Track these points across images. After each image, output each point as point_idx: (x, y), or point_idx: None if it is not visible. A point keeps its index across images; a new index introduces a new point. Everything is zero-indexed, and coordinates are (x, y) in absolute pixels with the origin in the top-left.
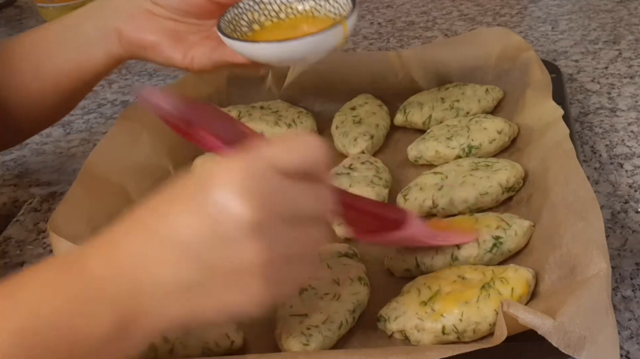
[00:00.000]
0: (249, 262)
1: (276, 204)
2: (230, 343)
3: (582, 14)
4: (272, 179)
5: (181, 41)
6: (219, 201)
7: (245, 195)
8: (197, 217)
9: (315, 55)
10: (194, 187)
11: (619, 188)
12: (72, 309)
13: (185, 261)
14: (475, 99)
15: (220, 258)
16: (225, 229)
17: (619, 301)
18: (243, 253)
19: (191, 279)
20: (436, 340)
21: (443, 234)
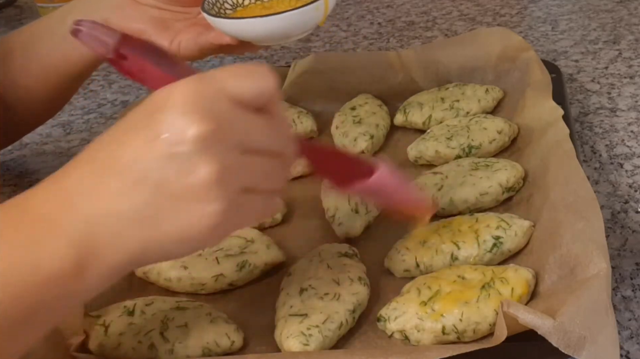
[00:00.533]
0: (201, 179)
1: (226, 126)
2: (230, 343)
3: (582, 14)
4: (223, 101)
5: (167, 28)
6: (165, 121)
7: (193, 112)
8: (143, 142)
9: (298, 31)
10: (141, 113)
11: (619, 188)
12: (24, 250)
13: (136, 188)
14: (475, 99)
15: (171, 179)
16: (174, 148)
17: (619, 301)
18: (194, 171)
19: (142, 203)
20: (436, 340)
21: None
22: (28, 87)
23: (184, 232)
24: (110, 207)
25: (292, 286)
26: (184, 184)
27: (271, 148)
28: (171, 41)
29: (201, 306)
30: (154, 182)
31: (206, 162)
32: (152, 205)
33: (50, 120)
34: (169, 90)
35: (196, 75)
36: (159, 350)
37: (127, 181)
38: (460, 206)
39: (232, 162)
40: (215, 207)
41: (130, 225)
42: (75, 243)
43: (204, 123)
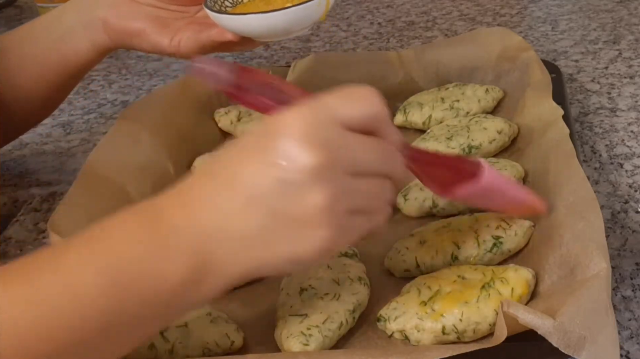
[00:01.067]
0: (313, 207)
1: (338, 152)
2: (230, 343)
3: (582, 14)
4: (334, 128)
5: (166, 27)
6: (282, 148)
7: (308, 142)
8: (261, 165)
9: (299, 27)
10: (258, 138)
11: (619, 188)
12: (152, 256)
13: (252, 209)
14: (475, 99)
15: (285, 205)
16: (289, 176)
17: (619, 301)
18: (307, 198)
19: (259, 227)
20: (436, 340)
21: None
22: (24, 87)
23: (295, 254)
24: (229, 227)
25: (292, 286)
26: (297, 210)
27: (379, 169)
28: (171, 39)
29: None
30: (269, 205)
31: (318, 191)
32: (266, 227)
33: (50, 120)
34: (285, 117)
35: (309, 103)
36: (159, 350)
37: (244, 202)
38: (460, 206)
39: (342, 189)
40: (325, 233)
41: (244, 244)
42: (195, 257)
43: (318, 154)
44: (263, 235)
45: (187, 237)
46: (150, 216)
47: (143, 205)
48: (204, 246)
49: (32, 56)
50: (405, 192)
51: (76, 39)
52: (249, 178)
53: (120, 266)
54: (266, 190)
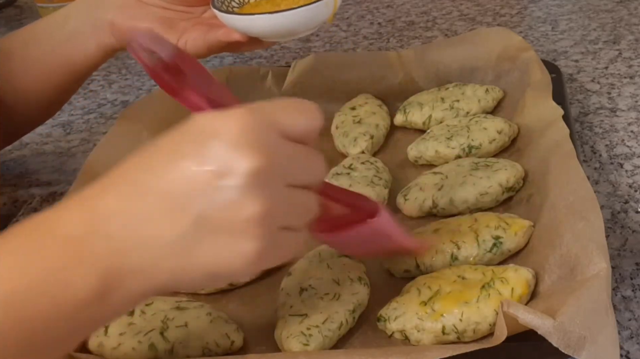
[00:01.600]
0: (246, 217)
1: (276, 161)
2: (230, 343)
3: (582, 14)
4: (273, 135)
5: (172, 27)
6: (215, 151)
7: (245, 146)
8: (193, 171)
9: (306, 27)
10: (187, 138)
11: (619, 188)
12: (50, 276)
13: (177, 217)
14: (475, 99)
15: (215, 213)
16: (223, 179)
17: (619, 301)
18: (240, 207)
19: (180, 234)
20: (436, 340)
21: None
22: (28, 89)
23: (218, 266)
24: (145, 234)
25: (292, 286)
26: (226, 218)
27: (311, 181)
28: (178, 40)
29: (201, 306)
30: (195, 212)
31: (253, 199)
32: (190, 236)
33: (50, 120)
34: (220, 118)
35: (247, 106)
36: (159, 350)
37: (166, 207)
38: (460, 206)
39: (277, 199)
40: (254, 245)
41: (163, 255)
42: (104, 271)
43: (256, 158)
44: (185, 244)
45: (90, 249)
46: (41, 229)
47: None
48: (113, 261)
49: (36, 59)
50: (405, 192)
51: (82, 40)
52: (172, 182)
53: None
54: (195, 197)
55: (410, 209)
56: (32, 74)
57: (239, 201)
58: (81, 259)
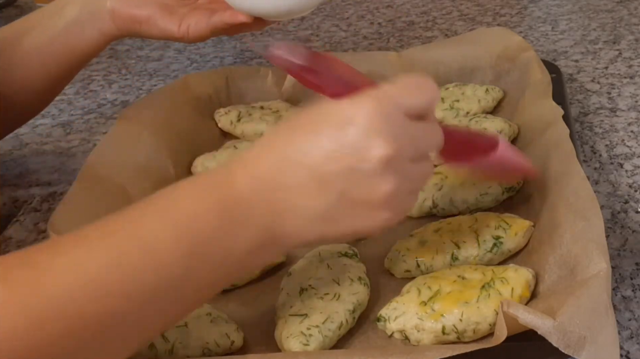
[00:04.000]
0: (380, 195)
1: (404, 142)
2: (230, 343)
3: (582, 14)
4: (400, 118)
5: (173, 13)
6: (354, 137)
7: (378, 133)
8: (335, 152)
9: (309, 5)
10: (325, 122)
11: (619, 188)
12: (222, 228)
13: (323, 191)
14: (475, 99)
15: (355, 190)
16: (360, 163)
17: (619, 301)
18: (376, 187)
19: (327, 207)
20: (436, 340)
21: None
22: (26, 79)
23: (357, 231)
24: (298, 203)
25: (292, 286)
26: (365, 196)
27: (431, 151)
28: (179, 25)
29: (201, 306)
30: (339, 189)
31: (387, 181)
32: (335, 208)
33: (50, 120)
34: (353, 105)
35: (376, 92)
36: (159, 350)
37: (315, 182)
38: (460, 206)
39: (405, 176)
40: (387, 215)
41: (312, 222)
42: (264, 232)
43: (387, 146)
44: (330, 214)
45: (257, 213)
46: (221, 185)
47: (214, 174)
48: (272, 223)
49: (34, 49)
50: None
51: (83, 29)
52: (321, 161)
53: (195, 234)
54: (338, 175)
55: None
56: (31, 64)
57: (374, 182)
58: (249, 220)
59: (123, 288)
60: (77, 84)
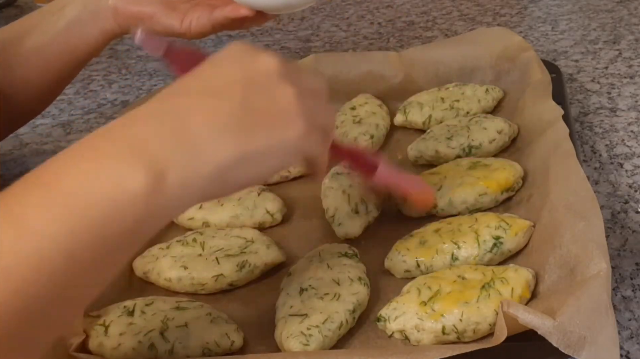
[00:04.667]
0: (284, 101)
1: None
2: (230, 343)
3: (582, 14)
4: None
5: (175, 10)
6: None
7: (270, 54)
8: (232, 71)
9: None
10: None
11: (619, 188)
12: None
13: (220, 102)
14: (475, 99)
15: (256, 98)
16: (256, 72)
17: (619, 301)
18: (276, 93)
19: (232, 118)
20: (436, 340)
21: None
22: (27, 79)
23: (276, 142)
24: (195, 122)
25: (292, 286)
26: (268, 103)
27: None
28: (181, 21)
29: (201, 306)
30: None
31: (284, 87)
32: (241, 118)
33: (50, 120)
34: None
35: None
36: (159, 350)
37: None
38: (460, 206)
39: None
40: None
41: (220, 136)
42: (159, 162)
43: (273, 57)
44: (239, 121)
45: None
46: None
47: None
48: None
49: (35, 49)
50: None
51: (84, 27)
52: (214, 80)
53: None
54: (235, 83)
55: (410, 210)
56: (32, 64)
57: (271, 89)
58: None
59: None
60: (77, 84)
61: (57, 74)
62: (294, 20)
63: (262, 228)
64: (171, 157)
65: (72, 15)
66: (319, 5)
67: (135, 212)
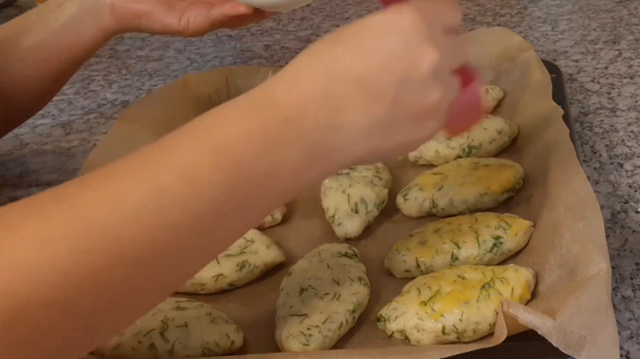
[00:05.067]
0: (430, 103)
1: (446, 51)
2: (230, 343)
3: (582, 14)
4: (440, 29)
5: (172, 7)
6: (403, 46)
7: (428, 42)
8: (385, 62)
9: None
10: (368, 32)
11: (619, 188)
12: (265, 147)
13: (375, 102)
14: None
15: (407, 100)
16: (411, 72)
17: (619, 301)
18: (427, 95)
19: (379, 120)
20: (436, 340)
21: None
22: (26, 77)
23: (408, 142)
24: (348, 116)
25: (292, 286)
26: (416, 105)
27: (461, 64)
28: (179, 18)
29: (201, 306)
30: (390, 98)
31: (436, 88)
32: (386, 119)
33: (50, 120)
34: (397, 15)
35: (413, 4)
36: (159, 350)
37: (364, 91)
38: (460, 206)
39: (449, 86)
40: (436, 123)
41: (363, 135)
42: (310, 150)
43: (436, 53)
44: (382, 125)
45: (303, 133)
46: (262, 108)
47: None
48: (320, 140)
49: (33, 47)
50: (405, 192)
51: (82, 25)
52: (370, 72)
53: (236, 159)
54: (390, 85)
55: (410, 209)
56: (30, 61)
57: (424, 90)
58: (292, 137)
59: (166, 218)
60: (77, 84)
61: (55, 71)
62: (294, 20)
63: (262, 228)
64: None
65: (70, 13)
66: (319, 5)
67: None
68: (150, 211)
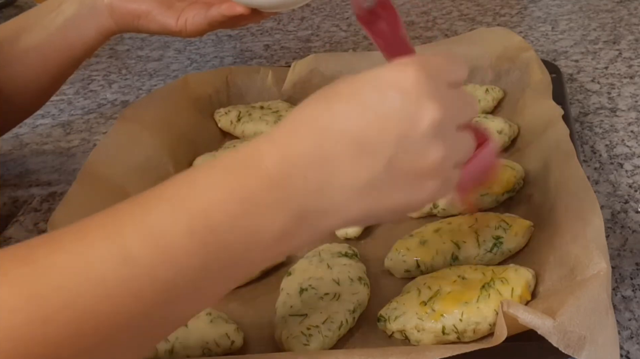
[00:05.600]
0: (429, 162)
1: (450, 107)
2: (230, 343)
3: (582, 14)
4: (444, 84)
5: (171, 8)
6: (402, 102)
7: (427, 99)
8: (382, 118)
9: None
10: (367, 87)
11: (619, 188)
12: (246, 211)
13: (370, 161)
14: None
15: (404, 158)
16: (413, 130)
17: (619, 301)
18: (426, 153)
19: (373, 179)
20: (436, 340)
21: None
22: (24, 77)
23: (406, 204)
24: (340, 176)
25: (292, 286)
26: (414, 163)
27: (468, 120)
28: (177, 19)
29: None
30: (387, 157)
31: (436, 147)
32: (381, 179)
33: (50, 120)
34: (397, 70)
35: (415, 59)
36: (158, 350)
37: (358, 153)
38: (460, 207)
39: (452, 143)
40: (436, 184)
41: (355, 196)
42: (297, 214)
43: (438, 108)
44: (376, 186)
45: (289, 194)
46: (245, 168)
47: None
48: (308, 203)
49: (32, 47)
50: None
51: (81, 25)
52: (366, 128)
53: (213, 224)
54: (386, 143)
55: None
56: (29, 61)
57: (424, 148)
58: (276, 199)
59: (131, 285)
60: (77, 84)
61: (54, 71)
62: (294, 20)
63: None
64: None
65: (69, 13)
66: (319, 5)
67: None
68: (116, 279)
